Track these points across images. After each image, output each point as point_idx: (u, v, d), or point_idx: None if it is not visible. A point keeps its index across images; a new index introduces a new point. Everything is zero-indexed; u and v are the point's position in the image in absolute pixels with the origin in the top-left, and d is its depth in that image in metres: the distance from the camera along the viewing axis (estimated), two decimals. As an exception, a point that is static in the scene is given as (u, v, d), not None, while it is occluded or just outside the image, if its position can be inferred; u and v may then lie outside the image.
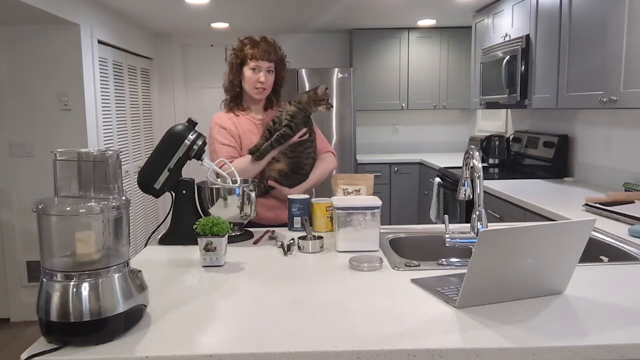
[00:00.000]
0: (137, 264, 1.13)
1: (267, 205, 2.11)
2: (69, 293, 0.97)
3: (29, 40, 3.45)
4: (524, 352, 0.96)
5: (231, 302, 1.20)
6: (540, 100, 3.13)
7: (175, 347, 0.97)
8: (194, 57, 5.45)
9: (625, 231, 1.88)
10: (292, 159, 2.07)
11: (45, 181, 3.53)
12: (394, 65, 5.17)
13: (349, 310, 1.14)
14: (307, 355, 0.95)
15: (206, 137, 1.82)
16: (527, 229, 1.11)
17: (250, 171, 2.04)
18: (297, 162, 2.08)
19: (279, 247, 1.66)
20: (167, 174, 1.71)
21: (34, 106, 3.51)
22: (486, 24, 4.09)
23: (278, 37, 5.38)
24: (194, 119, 1.77)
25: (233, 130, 2.10)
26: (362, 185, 1.96)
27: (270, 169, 2.08)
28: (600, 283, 1.30)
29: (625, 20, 2.31)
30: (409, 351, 0.96)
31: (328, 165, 2.20)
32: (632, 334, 1.01)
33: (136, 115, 4.72)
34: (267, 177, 2.07)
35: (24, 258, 3.64)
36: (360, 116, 5.45)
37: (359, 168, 4.93)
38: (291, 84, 4.45)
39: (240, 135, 2.11)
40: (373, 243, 1.61)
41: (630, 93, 2.29)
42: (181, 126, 1.76)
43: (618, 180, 2.89)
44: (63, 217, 0.98)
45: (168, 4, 3.94)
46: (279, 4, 4.02)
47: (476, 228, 1.53)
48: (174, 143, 1.73)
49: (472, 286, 1.12)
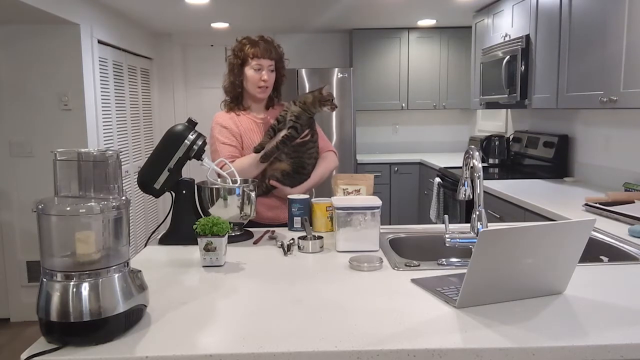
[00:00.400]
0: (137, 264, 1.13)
1: (267, 205, 2.11)
2: (69, 293, 0.97)
3: (29, 40, 3.45)
4: (524, 352, 0.96)
5: (231, 302, 1.20)
6: (540, 100, 3.13)
7: (175, 347, 0.97)
8: (194, 57, 5.45)
9: (625, 231, 1.88)
10: (294, 159, 2.07)
11: (45, 181, 3.53)
12: (394, 65, 5.17)
13: (349, 310, 1.14)
14: (307, 355, 0.95)
15: (206, 137, 1.81)
16: (527, 229, 1.11)
17: (252, 171, 2.04)
18: (299, 162, 2.08)
19: (279, 247, 1.66)
20: (167, 174, 1.71)
21: (34, 106, 3.51)
22: (486, 24, 4.09)
23: (278, 37, 5.38)
24: (194, 119, 1.77)
25: (234, 129, 2.10)
26: (362, 185, 1.96)
27: (272, 169, 2.08)
28: (600, 283, 1.30)
29: (625, 20, 2.31)
30: (409, 351, 0.96)
31: (329, 164, 2.20)
32: (632, 334, 1.01)
33: (136, 115, 4.72)
34: (269, 177, 2.07)
35: (24, 258, 3.64)
36: (360, 116, 5.45)
37: (359, 168, 4.93)
38: (291, 84, 4.45)
39: (242, 135, 2.11)
40: (373, 243, 1.61)
41: (630, 93, 2.29)
42: (181, 126, 1.76)
43: (618, 180, 2.89)
44: (63, 217, 0.98)
45: (168, 4, 3.94)
46: (279, 4, 4.02)
47: (476, 228, 1.53)
48: (174, 143, 1.73)
49: (472, 286, 1.12)
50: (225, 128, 2.10)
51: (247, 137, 2.11)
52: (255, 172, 2.06)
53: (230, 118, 2.13)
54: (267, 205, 2.11)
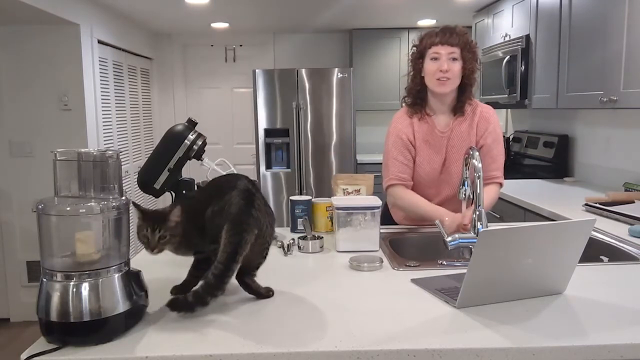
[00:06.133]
0: (137, 264, 1.13)
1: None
2: (69, 293, 0.97)
3: (29, 40, 3.45)
4: (524, 352, 0.96)
5: (231, 302, 1.20)
6: (540, 100, 3.13)
7: (175, 347, 0.97)
8: (194, 57, 5.45)
9: (625, 231, 1.88)
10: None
11: (45, 181, 3.52)
12: (394, 65, 5.16)
13: (349, 310, 1.14)
14: (307, 355, 0.95)
15: (206, 137, 1.80)
16: (527, 229, 1.11)
17: (414, 214, 1.85)
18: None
19: (279, 247, 1.66)
20: (167, 174, 1.71)
21: (34, 106, 3.51)
22: (486, 24, 4.09)
23: (278, 37, 5.40)
24: (194, 119, 1.77)
25: (410, 141, 1.87)
26: (362, 185, 1.96)
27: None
28: (600, 283, 1.30)
29: (625, 20, 2.31)
30: (409, 351, 0.96)
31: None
32: (632, 334, 1.01)
33: (136, 115, 4.72)
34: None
35: (24, 258, 3.63)
36: (360, 116, 5.44)
37: (359, 168, 4.92)
38: (291, 83, 4.45)
39: (416, 147, 1.87)
40: (373, 243, 1.61)
41: (630, 93, 2.29)
42: (181, 126, 1.75)
43: (618, 180, 2.89)
44: (63, 217, 0.98)
45: (168, 4, 3.94)
46: (279, 3, 4.02)
47: (476, 228, 1.53)
48: (174, 143, 1.73)
49: (472, 286, 1.12)
50: (400, 139, 1.86)
51: (421, 150, 1.86)
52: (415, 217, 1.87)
53: (410, 125, 1.88)
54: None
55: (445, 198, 1.91)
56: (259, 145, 4.55)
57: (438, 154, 1.88)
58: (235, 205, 1.11)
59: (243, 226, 1.09)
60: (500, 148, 1.92)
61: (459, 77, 1.80)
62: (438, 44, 1.77)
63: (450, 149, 1.87)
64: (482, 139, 1.88)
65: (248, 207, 1.12)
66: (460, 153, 1.86)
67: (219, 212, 1.12)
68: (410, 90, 1.90)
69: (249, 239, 1.10)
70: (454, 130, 1.87)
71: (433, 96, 1.87)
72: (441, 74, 1.77)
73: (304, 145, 4.56)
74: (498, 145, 1.90)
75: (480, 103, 1.93)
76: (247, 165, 5.31)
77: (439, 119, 1.89)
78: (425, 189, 1.91)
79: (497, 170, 1.89)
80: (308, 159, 4.58)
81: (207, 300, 1.07)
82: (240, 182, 1.16)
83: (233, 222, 1.09)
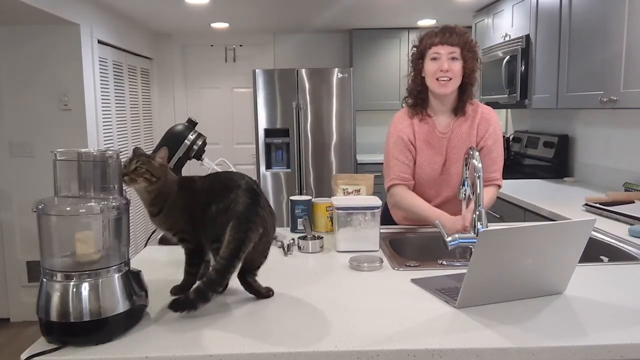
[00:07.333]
0: (137, 264, 1.13)
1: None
2: (69, 293, 0.97)
3: (29, 40, 3.45)
4: (524, 352, 0.96)
5: (231, 302, 1.20)
6: (540, 100, 3.13)
7: (175, 347, 0.97)
8: (194, 57, 5.45)
9: (625, 231, 1.88)
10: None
11: (45, 181, 3.52)
12: (394, 66, 5.16)
13: (349, 310, 1.14)
14: (307, 355, 0.95)
15: (206, 137, 1.81)
16: (527, 229, 1.11)
17: (415, 215, 1.84)
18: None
19: (279, 247, 1.66)
20: (167, 174, 1.71)
21: (34, 106, 3.51)
22: (486, 24, 4.09)
23: (278, 37, 5.40)
24: (194, 119, 1.77)
25: (411, 141, 1.87)
26: (362, 185, 1.96)
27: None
28: (600, 283, 1.30)
29: (625, 20, 2.31)
30: (409, 351, 0.96)
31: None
32: (632, 334, 1.01)
33: (136, 115, 4.72)
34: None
35: (24, 258, 3.63)
36: (360, 116, 5.44)
37: (359, 168, 4.92)
38: (291, 83, 4.45)
39: (416, 148, 1.87)
40: (373, 243, 1.61)
41: (630, 93, 2.29)
42: (181, 126, 1.76)
43: (618, 180, 2.89)
44: (63, 217, 0.98)
45: (168, 4, 3.94)
46: (279, 3, 4.02)
47: (476, 228, 1.53)
48: (174, 143, 1.73)
49: (472, 286, 1.12)
50: (401, 139, 1.86)
51: (421, 151, 1.87)
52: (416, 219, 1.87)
53: (410, 125, 1.88)
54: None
55: (445, 199, 1.92)
56: (259, 145, 4.55)
57: (438, 154, 1.88)
58: (242, 203, 1.11)
59: (249, 224, 1.10)
60: (500, 150, 1.92)
61: (459, 76, 1.80)
62: (438, 43, 1.77)
63: (450, 150, 1.87)
64: (483, 140, 1.88)
65: (254, 206, 1.12)
66: (460, 154, 1.86)
67: (224, 211, 1.12)
68: (411, 90, 1.91)
69: (254, 237, 1.10)
70: (455, 131, 1.87)
71: (434, 96, 1.87)
72: (441, 74, 1.77)
73: (304, 145, 4.56)
74: (498, 147, 1.91)
75: (481, 104, 1.93)
76: (247, 165, 5.31)
77: (440, 120, 1.89)
78: (425, 189, 1.91)
79: (496, 172, 1.90)
80: (308, 159, 4.58)
81: (208, 296, 1.07)
82: (244, 181, 1.17)
83: (239, 220, 1.09)
